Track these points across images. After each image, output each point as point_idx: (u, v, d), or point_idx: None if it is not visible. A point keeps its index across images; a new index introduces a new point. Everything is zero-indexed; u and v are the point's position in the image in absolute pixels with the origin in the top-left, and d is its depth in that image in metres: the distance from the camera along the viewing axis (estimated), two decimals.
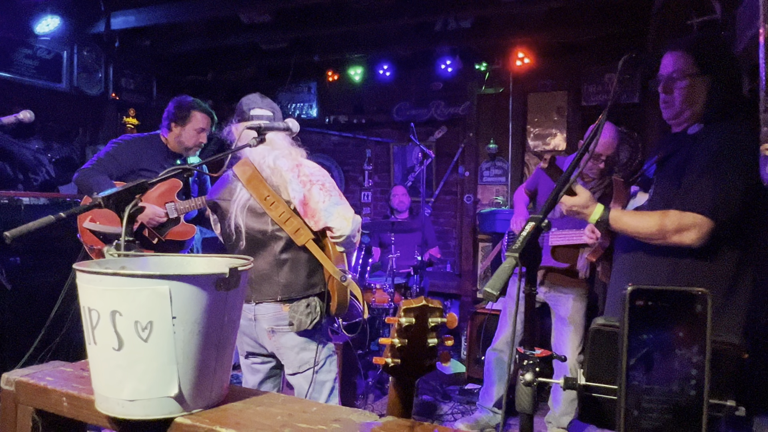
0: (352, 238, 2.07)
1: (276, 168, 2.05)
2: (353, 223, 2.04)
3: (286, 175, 2.04)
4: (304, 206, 2.03)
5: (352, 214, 2.05)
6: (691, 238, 1.61)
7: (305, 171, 2.06)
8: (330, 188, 2.06)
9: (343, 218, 2.02)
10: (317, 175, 2.07)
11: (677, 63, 1.75)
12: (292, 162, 2.07)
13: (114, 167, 2.82)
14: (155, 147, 2.96)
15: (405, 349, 1.05)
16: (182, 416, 1.03)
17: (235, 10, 4.45)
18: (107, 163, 2.82)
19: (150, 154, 2.92)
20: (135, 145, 2.94)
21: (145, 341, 0.99)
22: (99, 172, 2.77)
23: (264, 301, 2.07)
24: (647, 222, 1.68)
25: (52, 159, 4.61)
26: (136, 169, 2.86)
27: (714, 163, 1.62)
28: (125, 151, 2.88)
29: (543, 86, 5.27)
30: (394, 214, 5.10)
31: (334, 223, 2.01)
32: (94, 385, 1.06)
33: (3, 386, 1.21)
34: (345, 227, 2.02)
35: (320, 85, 6.13)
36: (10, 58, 4.32)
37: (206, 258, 1.24)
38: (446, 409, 3.72)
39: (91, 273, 1.02)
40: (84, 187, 2.77)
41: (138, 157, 2.89)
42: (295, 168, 2.05)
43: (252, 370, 2.24)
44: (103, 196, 1.33)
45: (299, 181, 2.03)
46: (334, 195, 2.05)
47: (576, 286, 3.03)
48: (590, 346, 1.06)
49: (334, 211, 2.01)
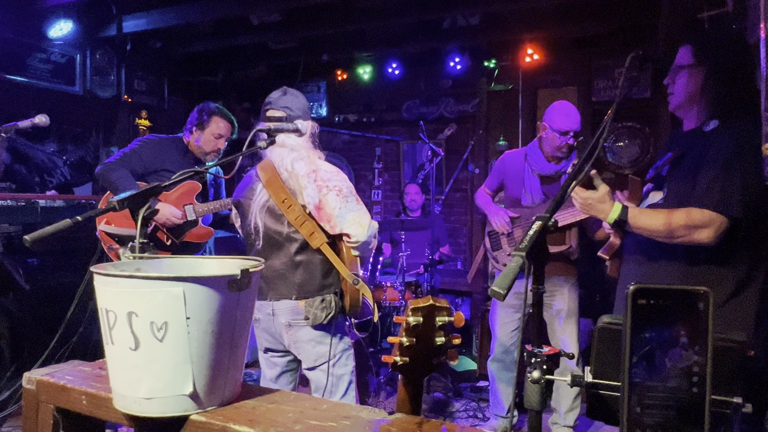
0: (367, 245, 2.09)
1: (293, 172, 2.07)
2: (369, 230, 2.06)
3: (302, 180, 2.06)
4: (319, 210, 2.05)
5: (368, 221, 2.07)
6: (706, 235, 1.60)
7: (322, 176, 2.07)
8: (347, 193, 2.07)
9: (359, 225, 2.04)
10: (334, 180, 2.07)
11: (678, 55, 1.80)
12: (309, 166, 2.08)
13: (137, 164, 2.85)
14: (178, 149, 3.00)
15: (413, 347, 1.07)
16: (197, 413, 1.06)
17: (244, 11, 4.48)
18: (131, 159, 2.85)
19: (173, 156, 2.96)
20: (160, 145, 2.97)
21: (161, 341, 1.02)
22: (122, 166, 2.80)
23: (280, 299, 2.11)
24: (658, 220, 1.67)
25: (67, 161, 4.68)
26: (159, 169, 2.90)
27: (729, 160, 1.61)
28: (150, 150, 2.92)
29: (553, 82, 5.24)
30: (406, 212, 5.11)
31: (350, 229, 2.04)
32: (112, 383, 1.09)
33: (25, 385, 1.25)
34: (360, 234, 2.04)
35: (329, 85, 6.16)
36: (24, 63, 4.40)
37: (218, 259, 1.27)
38: (458, 406, 3.74)
39: (107, 275, 1.05)
40: (105, 180, 2.78)
41: (161, 157, 2.92)
42: (312, 173, 2.06)
43: (270, 364, 2.29)
44: (118, 199, 1.36)
45: (315, 186, 2.05)
46: (350, 201, 2.06)
47: (568, 274, 2.99)
48: (596, 343, 1.07)
49: (350, 218, 2.03)
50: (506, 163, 3.12)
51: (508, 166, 3.10)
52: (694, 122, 1.81)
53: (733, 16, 2.92)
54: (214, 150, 2.99)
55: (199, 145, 2.97)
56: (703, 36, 1.82)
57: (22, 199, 3.38)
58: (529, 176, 2.99)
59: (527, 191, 2.98)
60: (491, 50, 5.27)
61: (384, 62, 5.61)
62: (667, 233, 1.65)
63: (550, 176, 2.94)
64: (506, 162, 3.13)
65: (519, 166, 3.03)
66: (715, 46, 1.76)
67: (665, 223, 1.65)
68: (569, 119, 2.81)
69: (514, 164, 3.07)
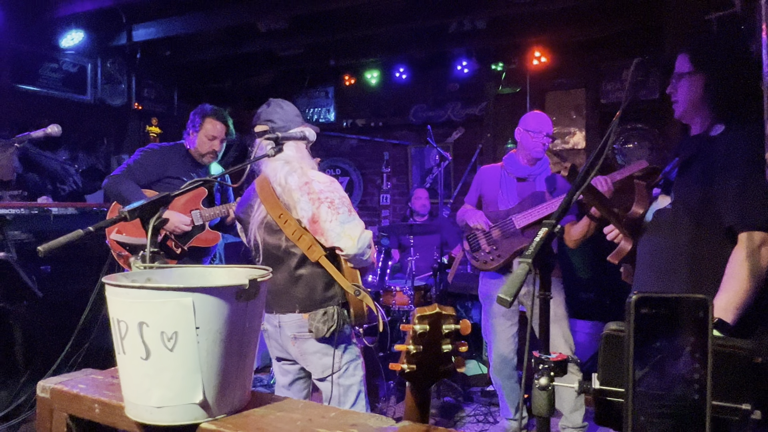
0: (360, 257, 2.05)
1: (286, 186, 2.06)
2: (359, 242, 2.02)
3: (295, 194, 2.05)
4: (313, 224, 2.04)
5: (358, 233, 2.02)
6: None
7: (314, 188, 2.05)
8: (339, 205, 2.04)
9: (349, 237, 2.01)
10: (326, 192, 2.05)
11: (677, 63, 1.80)
12: (301, 179, 2.06)
13: (141, 175, 2.92)
14: (180, 155, 3.04)
15: (420, 355, 1.08)
16: (207, 422, 1.07)
17: (252, 18, 4.53)
18: (135, 171, 2.92)
19: (175, 163, 3.00)
20: (161, 153, 3.02)
21: (171, 351, 1.03)
22: (127, 178, 2.87)
23: (285, 312, 2.12)
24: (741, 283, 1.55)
25: (79, 169, 4.74)
26: (163, 177, 2.95)
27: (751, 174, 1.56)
28: (152, 159, 2.98)
29: (560, 85, 5.23)
30: (414, 216, 5.12)
31: (340, 243, 2.02)
32: (124, 392, 1.11)
33: (39, 393, 1.28)
34: (350, 246, 2.01)
35: (337, 90, 6.19)
36: (36, 72, 4.47)
37: (227, 269, 1.28)
38: (468, 411, 3.73)
39: (119, 286, 1.07)
40: (112, 193, 2.86)
41: (164, 165, 2.98)
42: (305, 186, 2.05)
43: (283, 371, 2.31)
44: (129, 209, 1.38)
45: (308, 199, 2.04)
46: (342, 212, 2.03)
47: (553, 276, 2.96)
48: (603, 350, 1.07)
49: (341, 231, 2.01)
50: (483, 175, 3.27)
51: (485, 177, 3.24)
52: (700, 128, 1.81)
53: (741, 17, 2.91)
54: (209, 152, 3.02)
55: (195, 147, 3.01)
56: (700, 42, 1.81)
57: (34, 207, 3.43)
58: (505, 179, 3.13)
59: (503, 194, 3.11)
60: (498, 54, 5.27)
61: (391, 67, 5.63)
62: (756, 278, 1.55)
63: (524, 178, 3.10)
64: (483, 174, 3.28)
65: (494, 175, 3.19)
66: (712, 52, 1.75)
67: (745, 278, 1.55)
68: (541, 119, 3.03)
69: (489, 175, 3.23)
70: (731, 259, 1.59)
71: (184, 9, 4.50)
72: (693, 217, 1.72)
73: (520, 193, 3.08)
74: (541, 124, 3.01)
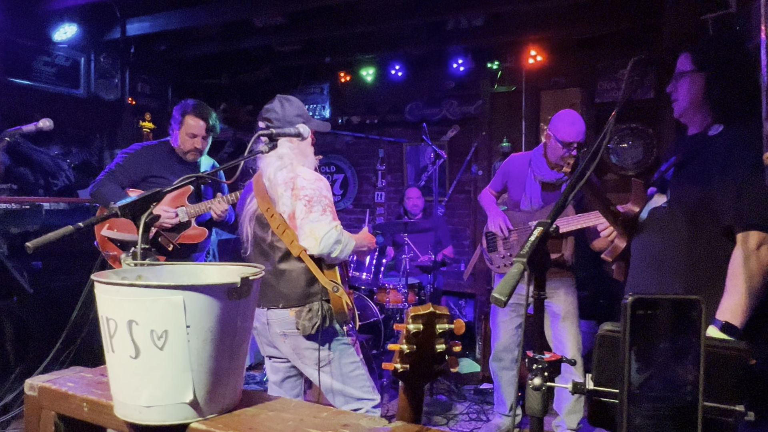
0: (327, 256, 2.05)
1: (274, 181, 2.10)
2: (322, 242, 2.01)
3: (279, 189, 2.09)
4: (291, 220, 2.08)
5: (323, 233, 2.01)
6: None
7: (298, 183, 2.07)
8: (314, 203, 2.04)
9: (313, 237, 2.01)
10: (307, 189, 2.07)
11: (678, 62, 1.80)
12: (289, 174, 2.09)
13: (124, 177, 2.93)
14: (165, 153, 3.02)
15: (413, 355, 1.07)
16: (197, 422, 1.06)
17: (248, 14, 4.50)
18: (118, 174, 2.93)
19: (159, 161, 2.99)
20: (143, 154, 3.01)
21: (161, 349, 1.02)
22: (110, 181, 2.90)
23: (271, 307, 2.14)
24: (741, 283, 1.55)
25: (72, 164, 4.70)
26: (147, 177, 2.96)
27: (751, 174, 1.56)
28: (134, 162, 2.97)
29: (556, 83, 5.23)
30: (408, 216, 5.11)
31: (305, 242, 2.04)
32: (113, 391, 1.09)
33: (27, 392, 1.26)
34: (313, 246, 2.02)
35: (333, 86, 6.16)
36: (29, 66, 4.42)
37: (219, 267, 1.27)
38: (461, 408, 3.74)
39: (108, 284, 1.05)
40: (99, 199, 2.90)
41: (147, 165, 2.97)
42: (290, 181, 2.08)
43: (274, 369, 2.32)
44: (119, 205, 1.36)
45: (290, 195, 2.07)
46: (315, 211, 2.03)
47: (564, 277, 3.01)
48: (597, 351, 1.06)
49: (307, 229, 2.03)
50: (511, 166, 3.18)
51: (512, 169, 3.15)
52: (699, 127, 1.81)
53: (737, 17, 2.91)
54: (191, 149, 2.97)
55: (178, 145, 2.98)
56: (702, 42, 1.82)
57: (27, 203, 3.40)
58: (531, 182, 3.03)
59: (527, 196, 3.03)
60: (494, 52, 5.26)
61: (387, 64, 5.61)
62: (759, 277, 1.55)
63: (552, 183, 2.98)
64: (511, 165, 3.19)
65: (522, 170, 3.09)
66: (714, 51, 1.76)
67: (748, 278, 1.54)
68: (574, 129, 2.81)
69: (518, 168, 3.12)
70: (732, 260, 1.59)
71: (179, 3, 4.46)
72: (689, 216, 1.72)
73: (545, 198, 3.00)
74: (573, 134, 2.79)
